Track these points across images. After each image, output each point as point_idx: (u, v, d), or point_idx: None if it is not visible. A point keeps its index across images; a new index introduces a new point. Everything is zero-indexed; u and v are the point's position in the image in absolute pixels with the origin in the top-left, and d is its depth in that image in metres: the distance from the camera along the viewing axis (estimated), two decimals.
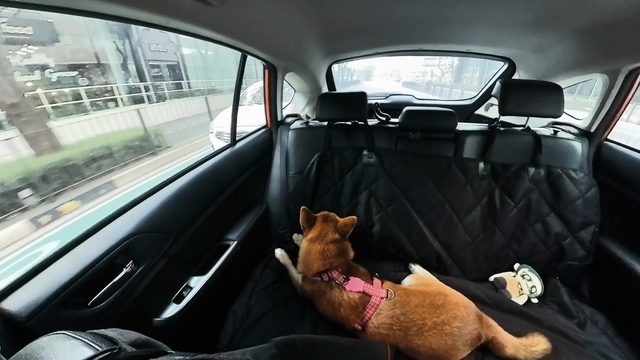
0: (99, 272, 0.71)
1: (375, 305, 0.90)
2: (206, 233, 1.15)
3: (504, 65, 1.99)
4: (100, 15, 0.60)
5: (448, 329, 0.81)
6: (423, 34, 1.48)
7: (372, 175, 1.37)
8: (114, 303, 0.74)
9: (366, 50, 1.86)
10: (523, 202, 1.23)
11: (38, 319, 0.59)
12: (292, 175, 1.52)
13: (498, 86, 1.20)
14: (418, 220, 1.29)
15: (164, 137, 7.00)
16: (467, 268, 1.26)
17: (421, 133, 1.38)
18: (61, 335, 0.37)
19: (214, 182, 1.22)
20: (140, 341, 0.40)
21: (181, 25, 0.75)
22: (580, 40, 1.12)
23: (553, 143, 1.26)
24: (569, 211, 1.18)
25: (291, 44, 1.30)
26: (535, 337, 0.85)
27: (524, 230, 1.23)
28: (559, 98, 1.14)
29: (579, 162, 1.23)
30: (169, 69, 14.07)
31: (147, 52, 12.57)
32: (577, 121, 1.41)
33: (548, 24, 1.09)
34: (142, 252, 0.83)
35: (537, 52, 1.45)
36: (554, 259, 1.21)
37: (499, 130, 1.30)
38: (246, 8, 0.83)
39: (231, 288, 1.18)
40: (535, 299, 1.16)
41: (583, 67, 1.28)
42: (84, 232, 0.78)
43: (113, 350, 0.32)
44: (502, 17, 1.12)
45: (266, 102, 1.64)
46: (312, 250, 1.04)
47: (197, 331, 1.07)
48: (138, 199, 0.94)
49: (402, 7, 1.08)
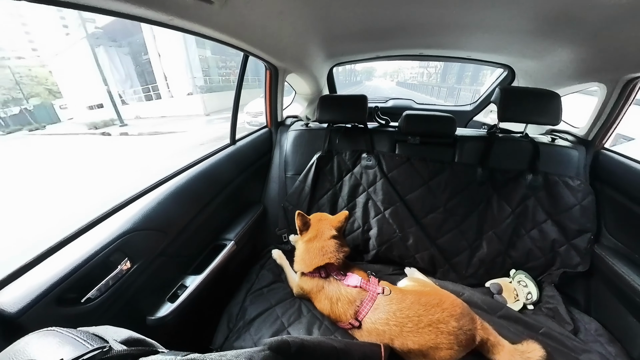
0: (93, 269, 0.71)
1: (372, 300, 0.91)
2: (203, 232, 1.15)
3: (504, 72, 2.00)
4: (103, 11, 0.60)
5: (444, 328, 0.81)
6: (424, 39, 1.49)
7: (371, 178, 1.37)
8: (107, 300, 0.74)
9: (367, 54, 1.87)
10: (520, 209, 1.24)
11: (29, 315, 0.58)
12: (291, 176, 1.52)
13: (497, 93, 1.21)
14: (415, 224, 1.29)
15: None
16: (463, 273, 1.26)
17: (420, 137, 1.39)
18: (51, 332, 0.37)
19: (212, 181, 1.21)
20: (132, 339, 0.39)
21: (184, 24, 0.75)
22: (580, 49, 1.13)
23: (551, 150, 1.27)
24: (565, 218, 1.19)
25: (293, 46, 1.31)
26: (530, 344, 0.85)
27: (521, 236, 1.24)
28: (558, 106, 1.15)
29: (576, 170, 1.24)
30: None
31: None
32: (575, 129, 1.43)
33: (548, 33, 1.11)
34: (137, 249, 0.82)
35: (537, 60, 1.46)
36: (550, 265, 1.21)
37: (497, 136, 1.31)
38: (249, 8, 0.84)
39: (227, 288, 1.18)
40: (531, 305, 1.16)
41: (582, 75, 1.29)
42: (79, 228, 0.78)
43: (103, 349, 0.32)
44: (502, 25, 1.13)
45: (267, 102, 1.64)
46: (310, 248, 1.06)
47: (191, 331, 1.06)
48: (135, 196, 0.94)
49: (404, 12, 1.09)
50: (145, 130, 10.89)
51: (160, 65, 15.20)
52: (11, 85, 18.77)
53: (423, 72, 27.57)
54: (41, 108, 18.24)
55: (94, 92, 14.62)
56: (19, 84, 18.14)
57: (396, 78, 30.98)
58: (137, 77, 17.09)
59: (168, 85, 15.62)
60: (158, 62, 15.22)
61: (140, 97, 17.04)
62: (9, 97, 18.73)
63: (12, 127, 17.32)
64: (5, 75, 18.67)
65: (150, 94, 16.37)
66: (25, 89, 18.81)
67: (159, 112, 15.15)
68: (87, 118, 14.67)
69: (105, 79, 12.21)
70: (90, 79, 13.89)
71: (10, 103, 18.43)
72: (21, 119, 17.77)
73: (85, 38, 12.53)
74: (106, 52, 15.32)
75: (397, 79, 29.92)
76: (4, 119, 18.23)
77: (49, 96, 18.27)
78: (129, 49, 16.26)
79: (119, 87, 16.33)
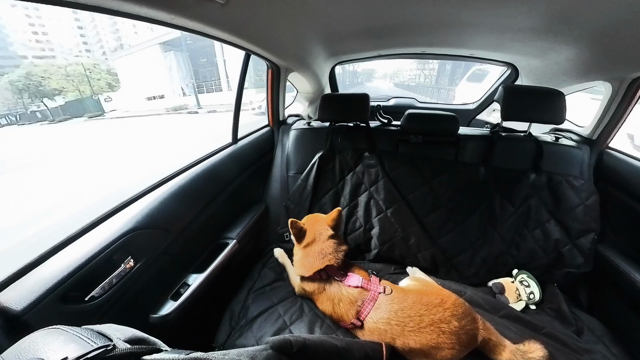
0: (97, 267, 0.71)
1: (374, 300, 0.91)
2: (205, 231, 1.15)
3: (507, 70, 1.98)
4: (104, 10, 0.60)
5: (446, 327, 0.81)
6: (427, 38, 1.48)
7: (373, 177, 1.36)
8: (111, 298, 0.74)
9: (370, 52, 1.86)
10: (523, 208, 1.23)
11: (34, 312, 0.59)
12: (293, 175, 1.52)
13: (501, 91, 1.20)
14: (417, 223, 1.29)
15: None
16: (465, 272, 1.26)
17: (422, 136, 1.38)
18: (56, 330, 0.37)
19: (215, 180, 1.22)
20: (135, 338, 0.40)
21: (186, 23, 0.75)
22: (585, 47, 1.12)
23: (554, 149, 1.26)
24: (568, 218, 1.18)
25: (295, 45, 1.31)
26: (532, 344, 0.85)
27: (523, 236, 1.23)
28: (562, 105, 1.14)
29: (580, 169, 1.23)
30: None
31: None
32: (579, 128, 1.41)
33: (552, 31, 1.09)
34: (140, 248, 0.83)
35: (541, 58, 1.45)
36: (553, 265, 1.21)
37: (500, 135, 1.30)
38: (251, 7, 0.83)
39: (229, 286, 1.18)
40: (533, 305, 1.15)
41: (586, 74, 1.27)
42: (83, 227, 0.78)
43: (107, 347, 0.32)
44: (506, 23, 1.12)
45: (269, 101, 1.64)
46: (309, 252, 1.05)
47: (193, 328, 1.06)
48: (138, 195, 0.94)
49: (407, 10, 1.08)
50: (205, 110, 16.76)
51: (225, 67, 19.18)
52: (80, 79, 22.18)
53: (419, 74, 28.38)
54: (90, 100, 21.84)
55: (155, 86, 20.42)
56: (88, 78, 21.36)
57: (395, 79, 31.30)
58: (194, 75, 21.94)
59: (228, 82, 19.59)
60: (222, 65, 19.17)
61: (196, 91, 21.86)
62: (65, 89, 22.04)
63: (70, 115, 20.45)
64: (79, 71, 22.33)
65: (204, 87, 21.71)
66: (87, 83, 22.60)
67: (218, 101, 18.87)
68: (146, 107, 20.03)
69: (192, 75, 17.35)
70: (154, 76, 19.59)
71: (69, 94, 22.01)
72: (76, 107, 20.94)
73: (158, 44, 18.53)
74: (175, 56, 20.01)
75: (395, 80, 30.23)
76: (62, 107, 21.31)
77: (109, 89, 21.69)
78: (189, 54, 21.00)
79: (182, 83, 20.81)
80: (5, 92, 21.10)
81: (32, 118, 20.75)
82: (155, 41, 19.30)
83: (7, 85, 20.96)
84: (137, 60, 20.55)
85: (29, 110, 21.40)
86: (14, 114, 21.27)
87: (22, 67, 22.65)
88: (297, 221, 1.09)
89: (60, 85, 21.63)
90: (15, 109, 21.34)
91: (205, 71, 23.64)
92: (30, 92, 20.84)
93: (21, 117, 21.02)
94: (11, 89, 21.37)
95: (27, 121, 20.68)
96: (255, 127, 1.67)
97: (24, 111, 21.52)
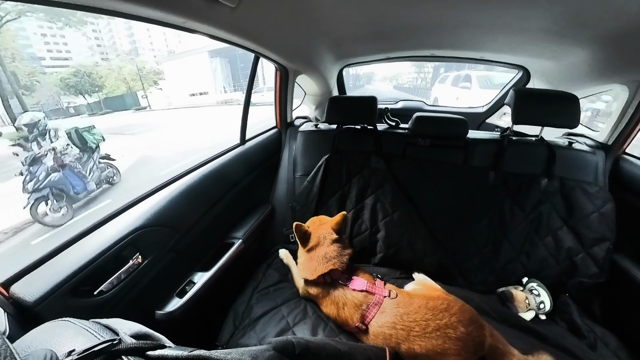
0: (107, 262, 0.73)
1: (379, 304, 0.90)
2: (212, 230, 1.17)
3: (518, 73, 1.94)
4: (116, 13, 0.62)
5: (452, 333, 0.79)
6: (436, 40, 1.47)
7: (380, 180, 1.35)
8: (119, 293, 0.76)
9: (378, 55, 1.85)
10: (534, 214, 1.20)
11: (45, 304, 0.61)
12: (299, 176, 1.53)
13: (512, 95, 1.17)
14: (424, 228, 1.27)
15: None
16: (473, 279, 1.23)
17: (431, 140, 1.36)
18: (65, 322, 0.38)
19: (222, 181, 1.23)
20: (141, 333, 0.41)
21: (197, 26, 0.77)
22: (600, 49, 1.09)
23: (567, 154, 1.22)
24: (582, 226, 1.14)
25: (304, 47, 1.32)
26: (542, 355, 0.82)
27: (534, 243, 1.20)
28: (575, 108, 1.11)
29: (594, 175, 1.19)
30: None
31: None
32: (594, 133, 1.37)
33: (566, 32, 1.07)
34: (148, 245, 0.85)
35: (553, 61, 1.41)
36: (565, 274, 1.16)
37: (511, 139, 1.27)
38: (260, 10, 0.85)
39: (234, 286, 1.19)
40: (543, 315, 1.11)
41: (601, 77, 1.24)
42: (94, 223, 0.81)
43: (113, 341, 0.33)
44: (517, 25, 1.10)
45: (276, 103, 1.66)
46: (313, 256, 1.04)
47: (197, 326, 1.08)
48: (147, 193, 0.97)
49: (415, 13, 1.08)
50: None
51: (262, 70, 20.84)
52: (132, 77, 25.00)
53: (417, 77, 28.97)
54: (128, 96, 24.07)
55: (199, 84, 24.00)
56: (140, 77, 24.17)
57: (394, 82, 31.63)
58: (232, 77, 27.12)
59: (265, 82, 21.63)
60: (260, 68, 22.06)
61: (232, 90, 25.72)
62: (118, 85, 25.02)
63: (117, 108, 22.43)
64: (131, 70, 25.33)
65: (243, 86, 24.51)
66: (127, 81, 25.30)
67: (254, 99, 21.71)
68: (191, 102, 23.14)
69: (238, 76, 23.81)
70: (199, 76, 23.62)
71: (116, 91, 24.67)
72: (117, 102, 23.09)
73: (207, 51, 23.35)
74: (219, 61, 24.86)
75: (394, 83, 30.57)
76: (106, 101, 23.89)
77: (154, 86, 24.86)
78: (228, 59, 25.97)
79: (224, 82, 25.59)
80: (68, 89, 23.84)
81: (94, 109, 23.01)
82: (205, 49, 23.76)
83: (78, 85, 23.72)
84: (184, 63, 24.42)
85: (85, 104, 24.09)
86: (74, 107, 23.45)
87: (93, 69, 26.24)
88: (302, 224, 1.09)
89: (115, 84, 24.70)
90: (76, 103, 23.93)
91: (244, 74, 26.91)
92: (93, 90, 23.90)
93: (76, 110, 23.09)
94: (75, 88, 23.78)
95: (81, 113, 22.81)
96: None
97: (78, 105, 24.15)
